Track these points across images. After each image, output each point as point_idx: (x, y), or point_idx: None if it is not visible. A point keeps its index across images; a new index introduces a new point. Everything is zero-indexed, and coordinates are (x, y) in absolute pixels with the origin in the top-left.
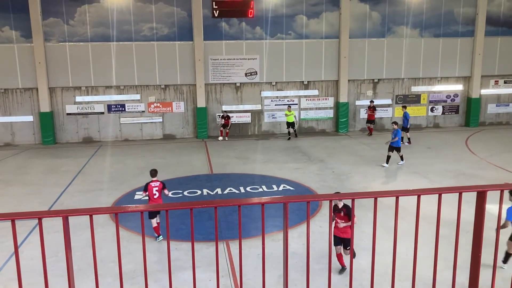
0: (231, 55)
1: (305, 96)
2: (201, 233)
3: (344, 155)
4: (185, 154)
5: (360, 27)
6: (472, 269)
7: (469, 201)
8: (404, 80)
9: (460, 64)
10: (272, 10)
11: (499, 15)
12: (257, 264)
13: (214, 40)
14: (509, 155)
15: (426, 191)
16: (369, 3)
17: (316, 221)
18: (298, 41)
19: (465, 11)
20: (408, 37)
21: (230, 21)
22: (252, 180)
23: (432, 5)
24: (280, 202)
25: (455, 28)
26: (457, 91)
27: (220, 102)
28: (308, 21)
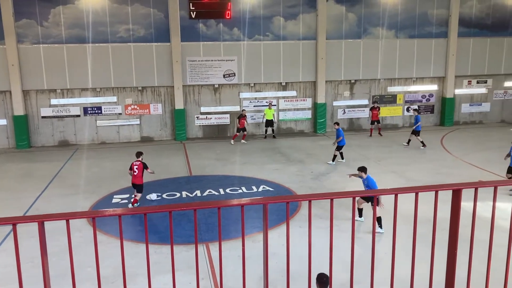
0: (208, 57)
1: (283, 97)
2: (180, 236)
3: (323, 156)
4: (163, 157)
5: (337, 28)
6: (448, 266)
7: (445, 199)
8: (380, 80)
9: (435, 64)
10: (250, 12)
11: (471, 17)
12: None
13: (192, 41)
14: (483, 154)
15: (403, 190)
16: (345, 5)
17: (296, 221)
18: (275, 43)
19: (438, 12)
20: (384, 38)
21: (208, 22)
22: (232, 181)
23: (407, 7)
24: (260, 203)
25: (429, 29)
26: (432, 91)
27: (198, 104)
28: (285, 22)
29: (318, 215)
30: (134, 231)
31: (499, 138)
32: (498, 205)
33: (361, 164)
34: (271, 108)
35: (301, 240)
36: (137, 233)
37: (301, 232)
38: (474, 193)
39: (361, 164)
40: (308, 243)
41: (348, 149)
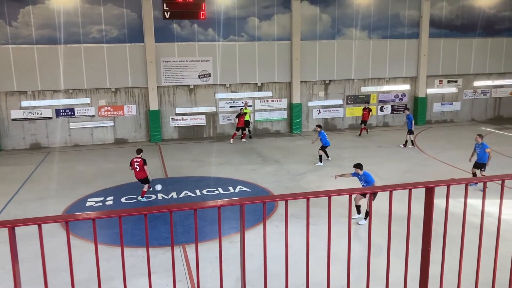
0: (183, 57)
1: (259, 97)
2: (157, 238)
3: (299, 156)
4: None
5: (311, 29)
6: (422, 262)
7: (418, 197)
8: (354, 81)
9: (407, 64)
10: (224, 12)
11: (441, 18)
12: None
13: (166, 42)
14: (455, 152)
15: (378, 189)
16: (319, 6)
17: (273, 221)
18: (250, 43)
19: (410, 13)
20: (357, 39)
21: (182, 22)
22: (208, 182)
23: (379, 8)
24: (237, 204)
25: (401, 30)
26: (404, 91)
27: (173, 105)
28: (260, 23)
29: (294, 214)
30: (109, 235)
31: (470, 137)
32: (469, 202)
33: (337, 163)
34: (247, 109)
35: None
36: (112, 236)
37: (278, 232)
38: (446, 191)
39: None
40: (285, 243)
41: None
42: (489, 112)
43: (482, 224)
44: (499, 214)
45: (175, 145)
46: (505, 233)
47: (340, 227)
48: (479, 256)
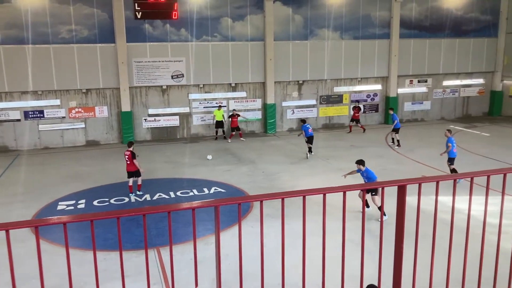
0: (156, 58)
1: (233, 98)
2: (130, 242)
3: (273, 155)
4: (110, 161)
5: (284, 29)
6: (395, 259)
7: (390, 195)
8: (327, 81)
9: (378, 65)
10: (197, 12)
11: (411, 19)
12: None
13: (138, 42)
14: (425, 150)
15: (351, 188)
16: (291, 7)
17: (248, 221)
18: (224, 43)
19: (381, 14)
20: (329, 39)
21: (154, 23)
22: (182, 184)
23: (351, 9)
24: (211, 205)
25: (373, 30)
26: (376, 91)
27: (146, 106)
28: (233, 23)
29: (270, 214)
30: (81, 239)
31: (440, 135)
32: (440, 199)
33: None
34: (221, 109)
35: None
36: (84, 240)
37: (253, 232)
38: (418, 188)
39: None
40: (260, 243)
41: (298, 149)
42: (458, 111)
43: (453, 221)
44: (469, 211)
45: (148, 146)
46: (475, 229)
47: (315, 226)
48: (449, 252)
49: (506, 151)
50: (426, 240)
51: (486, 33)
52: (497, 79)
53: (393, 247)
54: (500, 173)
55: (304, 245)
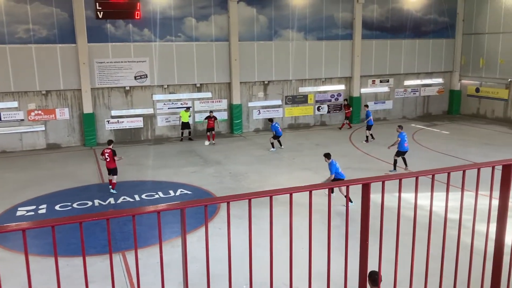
0: (118, 58)
1: (198, 98)
2: (94, 246)
3: (240, 156)
4: (72, 164)
5: (249, 30)
6: (361, 256)
7: (355, 193)
8: (292, 81)
9: (342, 65)
10: (160, 12)
11: (373, 20)
12: (157, 273)
13: (99, 42)
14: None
15: (317, 187)
16: (256, 7)
17: (216, 223)
18: (188, 44)
19: (343, 15)
20: (294, 40)
21: (116, 22)
22: (147, 187)
23: (314, 10)
24: (177, 208)
25: (336, 31)
26: (340, 91)
27: (109, 107)
28: (197, 23)
29: (237, 215)
30: (42, 245)
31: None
32: (403, 196)
33: (276, 162)
34: (188, 111)
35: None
36: (45, 247)
37: (221, 233)
38: (381, 186)
39: (276, 162)
40: (227, 245)
41: (265, 149)
42: (419, 110)
43: (415, 217)
44: (430, 207)
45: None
46: (436, 225)
47: (282, 226)
48: (413, 247)
49: (465, 149)
50: (391, 236)
51: (444, 34)
52: (455, 79)
53: (359, 244)
54: (459, 170)
55: (271, 244)
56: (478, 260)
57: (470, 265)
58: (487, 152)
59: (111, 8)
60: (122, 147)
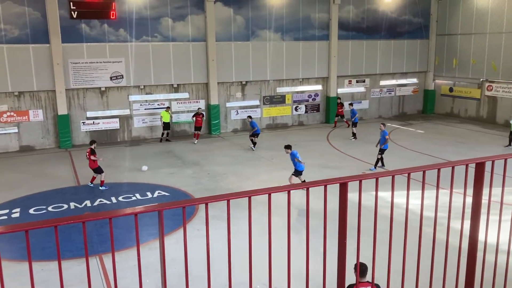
0: (93, 58)
1: (175, 99)
2: (71, 250)
3: (218, 156)
4: (47, 166)
5: (226, 30)
6: (339, 254)
7: (333, 192)
8: (269, 81)
9: (319, 65)
10: (136, 12)
11: (349, 21)
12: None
13: (74, 42)
14: (364, 148)
15: (295, 187)
16: (233, 7)
17: (194, 224)
18: (164, 44)
19: (320, 16)
20: (271, 40)
21: (91, 22)
22: (124, 189)
23: (291, 11)
24: (155, 210)
25: (313, 32)
26: (317, 91)
27: (84, 108)
28: (174, 23)
29: (216, 216)
30: (17, 250)
31: (378, 133)
32: (380, 195)
33: (253, 162)
34: (168, 111)
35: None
36: (20, 251)
37: (199, 235)
38: (358, 185)
39: (253, 162)
40: (206, 246)
41: (243, 149)
42: (394, 109)
43: (392, 215)
44: (407, 205)
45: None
46: (413, 223)
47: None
48: (390, 245)
49: (439, 147)
50: (368, 234)
51: (418, 35)
52: (430, 79)
53: (337, 242)
54: (434, 168)
55: (250, 245)
56: (453, 256)
57: (446, 261)
58: (461, 150)
59: (86, 8)
60: (98, 148)
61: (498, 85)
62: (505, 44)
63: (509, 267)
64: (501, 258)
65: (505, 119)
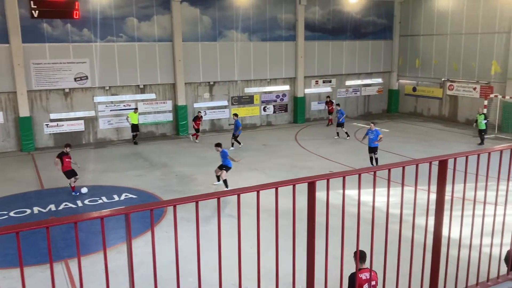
0: (56, 59)
1: (142, 100)
2: (35, 256)
3: (187, 158)
4: (9, 170)
5: (193, 30)
6: (308, 253)
7: (302, 191)
8: (237, 82)
9: (286, 66)
10: (100, 12)
11: (315, 22)
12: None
13: (36, 42)
14: (332, 147)
15: (264, 187)
16: (199, 8)
17: (163, 226)
18: (130, 44)
19: (286, 17)
20: (238, 41)
21: (53, 22)
22: (91, 192)
23: (258, 11)
24: (121, 213)
25: (280, 33)
26: (285, 91)
27: (47, 110)
28: (139, 23)
29: (185, 218)
30: None
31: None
32: (347, 193)
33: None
34: (136, 112)
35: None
36: None
37: (168, 237)
38: (326, 184)
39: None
40: (175, 248)
41: (211, 150)
42: (360, 109)
43: (359, 213)
44: (373, 203)
45: (51, 153)
46: (379, 220)
47: (230, 227)
48: (357, 242)
49: (404, 145)
50: (337, 232)
51: (382, 35)
52: (394, 79)
53: (306, 241)
54: (399, 166)
55: (219, 246)
56: (419, 252)
57: (411, 257)
58: (425, 148)
59: (47, 7)
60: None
61: (459, 84)
62: (465, 44)
63: (471, 261)
64: (464, 253)
65: (466, 117)
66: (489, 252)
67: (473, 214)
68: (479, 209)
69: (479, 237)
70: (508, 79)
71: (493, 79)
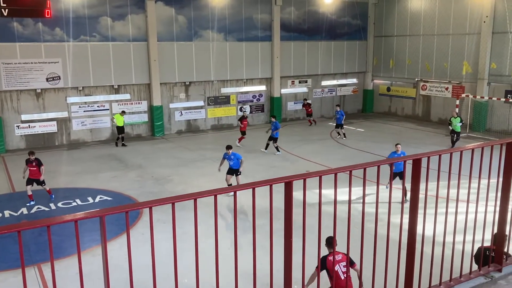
0: (27, 59)
1: (116, 100)
2: (6, 261)
3: (163, 159)
4: None
5: (168, 30)
6: (285, 252)
7: (279, 191)
8: (214, 82)
9: (262, 66)
10: (73, 11)
11: (290, 22)
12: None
13: (5, 42)
14: (308, 147)
15: (241, 187)
16: (174, 7)
17: (139, 228)
18: (104, 44)
19: (262, 17)
20: (214, 41)
21: (24, 21)
22: (64, 194)
23: (234, 11)
24: (96, 216)
25: (255, 33)
26: (261, 91)
27: (18, 111)
28: (113, 23)
29: (161, 219)
30: None
31: (320, 132)
32: (324, 192)
33: (201, 164)
34: (123, 115)
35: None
36: None
37: (144, 239)
38: (303, 183)
39: (201, 164)
40: (151, 250)
41: (187, 151)
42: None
43: (336, 212)
44: (349, 202)
45: (22, 155)
46: (355, 219)
47: (207, 228)
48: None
49: (378, 145)
50: (313, 231)
51: (357, 36)
52: (368, 79)
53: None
54: (374, 165)
55: (196, 247)
56: (394, 249)
57: (387, 254)
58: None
59: (17, 5)
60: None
61: (432, 84)
62: (437, 45)
63: (444, 258)
64: (438, 250)
65: (438, 117)
66: (461, 249)
67: (446, 212)
68: (452, 207)
69: (452, 235)
70: (478, 79)
71: (465, 79)
